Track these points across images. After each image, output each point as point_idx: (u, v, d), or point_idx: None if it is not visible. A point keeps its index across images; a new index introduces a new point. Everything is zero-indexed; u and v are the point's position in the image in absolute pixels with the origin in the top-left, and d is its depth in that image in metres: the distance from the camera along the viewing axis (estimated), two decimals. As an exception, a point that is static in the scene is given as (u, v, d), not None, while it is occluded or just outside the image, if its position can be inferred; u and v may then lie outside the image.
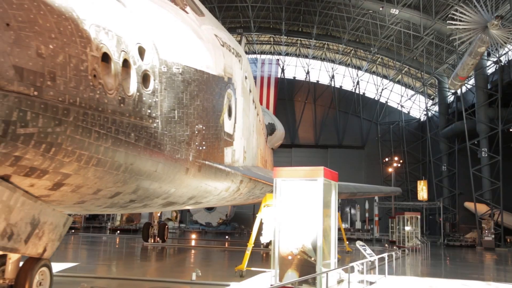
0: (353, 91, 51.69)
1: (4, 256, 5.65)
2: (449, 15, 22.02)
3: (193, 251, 21.14)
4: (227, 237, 32.75)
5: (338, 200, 13.28)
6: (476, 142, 34.83)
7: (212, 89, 7.80)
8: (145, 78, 5.60)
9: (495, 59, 33.99)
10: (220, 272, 12.47)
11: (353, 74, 51.99)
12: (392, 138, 50.48)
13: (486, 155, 33.76)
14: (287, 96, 50.44)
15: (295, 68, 52.87)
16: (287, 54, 52.13)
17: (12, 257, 5.61)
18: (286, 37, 47.44)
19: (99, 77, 4.71)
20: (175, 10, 7.51)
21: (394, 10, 35.36)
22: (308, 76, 52.21)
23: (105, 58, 4.85)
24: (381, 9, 36.17)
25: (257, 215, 11.92)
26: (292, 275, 7.68)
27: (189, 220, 43.68)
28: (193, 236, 33.26)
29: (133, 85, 5.31)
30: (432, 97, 48.91)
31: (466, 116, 34.75)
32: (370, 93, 52.18)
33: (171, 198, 7.21)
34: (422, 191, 41.40)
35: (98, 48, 4.72)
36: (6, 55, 3.79)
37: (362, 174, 48.11)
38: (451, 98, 43.42)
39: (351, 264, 8.45)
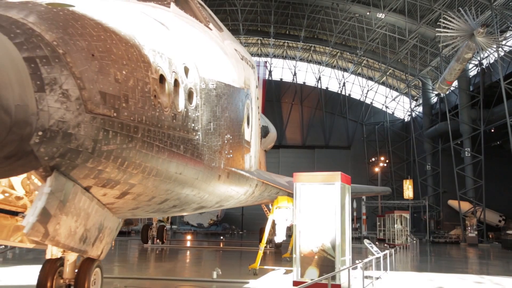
0: (339, 92, 52.75)
1: (62, 258, 6.17)
2: (438, 23, 23.06)
3: (196, 252, 21.65)
4: (222, 237, 33.36)
5: None
6: (459, 142, 36.13)
7: (236, 101, 8.42)
8: (190, 95, 6.18)
9: (477, 62, 35.28)
10: (232, 271, 13.04)
11: (339, 76, 53.05)
12: (377, 138, 51.71)
13: (469, 155, 35.08)
14: (274, 97, 51.15)
15: (282, 70, 53.73)
16: (274, 56, 52.90)
17: (70, 259, 6.13)
18: (274, 40, 48.18)
19: (158, 97, 5.28)
20: (202, 28, 8.10)
21: (381, 14, 36.40)
22: (295, 78, 53.07)
23: (161, 79, 5.43)
24: (368, 13, 37.20)
25: (268, 216, 12.58)
26: (313, 272, 8.36)
27: (179, 221, 44.05)
28: (188, 237, 33.73)
29: (181, 102, 5.89)
30: (415, 98, 50.25)
31: (449, 117, 35.99)
32: (356, 94, 53.38)
33: (203, 203, 7.80)
34: (408, 189, 42.62)
35: (156, 71, 5.30)
36: (94, 82, 4.35)
37: (348, 174, 47.47)
38: (434, 100, 44.76)
39: (365, 260, 9.14)
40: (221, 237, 33.74)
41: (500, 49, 24.65)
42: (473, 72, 37.25)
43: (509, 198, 36.35)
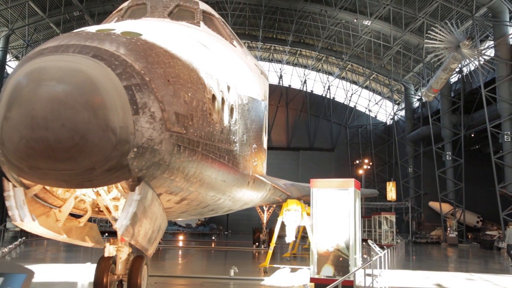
0: (324, 95, 53.91)
1: (114, 256, 6.83)
2: (421, 31, 24.30)
3: (194, 251, 22.30)
4: (213, 238, 34.06)
5: None
6: (440, 146, 37.59)
7: (259, 113, 9.17)
8: (231, 111, 6.91)
9: (458, 70, 36.77)
10: (241, 269, 13.75)
11: (324, 79, 54.22)
12: (360, 141, 53.02)
13: (450, 158, 36.58)
14: (260, 100, 51.81)
15: (268, 73, 54.52)
16: (260, 59, 53.72)
17: (122, 257, 6.80)
18: (262, 43, 49.03)
19: (212, 114, 6.00)
20: (230, 46, 8.80)
21: (367, 21, 37.59)
22: (281, 81, 54.02)
23: (213, 98, 6.14)
24: (355, 20, 38.34)
25: (278, 218, 13.38)
26: (328, 269, 9.17)
27: (166, 221, 44.35)
28: (181, 237, 34.29)
29: (226, 118, 6.61)
30: (397, 102, 51.78)
31: (431, 121, 37.42)
32: (340, 98, 54.58)
33: (233, 206, 8.54)
34: (391, 191, 43.91)
35: (210, 92, 6.01)
36: (170, 104, 5.03)
37: (332, 176, 49.99)
38: (416, 104, 46.28)
39: (374, 258, 10.00)
40: (213, 237, 34.49)
41: (480, 58, 25.97)
42: (454, 79, 38.77)
43: (486, 200, 37.85)
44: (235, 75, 7.56)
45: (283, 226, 13.18)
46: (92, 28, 5.59)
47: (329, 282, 8.80)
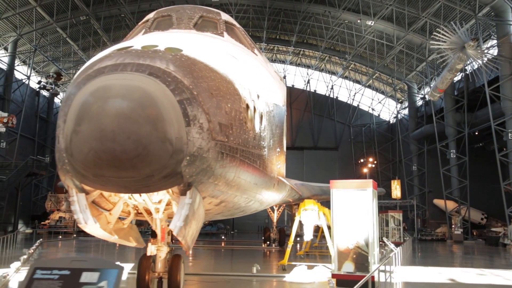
0: (327, 95, 54.35)
1: (155, 255, 7.30)
2: (432, 36, 24.77)
3: (208, 251, 22.78)
4: (223, 237, 34.62)
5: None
6: (444, 144, 38.04)
7: (281, 118, 9.64)
8: (261, 118, 7.36)
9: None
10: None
11: (327, 79, 54.66)
12: (364, 140, 53.46)
13: (454, 156, 37.03)
14: (264, 100, 52.27)
15: (272, 73, 55.00)
16: (264, 60, 54.16)
17: (161, 256, 7.26)
18: (265, 44, 49.50)
19: (246, 123, 6.45)
20: (252, 55, 9.23)
21: (370, 21, 38.04)
22: (284, 81, 54.41)
23: (246, 107, 6.60)
24: (358, 21, 38.76)
25: (295, 217, 13.86)
26: (349, 266, 9.65)
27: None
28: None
29: (257, 125, 7.06)
30: (400, 100, 52.20)
31: (435, 120, 37.86)
32: (343, 97, 55.00)
33: (259, 207, 9.01)
34: (396, 189, 44.34)
35: (244, 102, 6.45)
36: (215, 115, 5.48)
37: (336, 174, 50.32)
38: (419, 103, 46.70)
39: (391, 254, 10.46)
40: (222, 237, 35.14)
41: (484, 57, 26.38)
42: (457, 78, 39.16)
43: (490, 197, 38.24)
44: (262, 83, 8.01)
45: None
46: (137, 44, 5.98)
47: (349, 277, 9.30)
